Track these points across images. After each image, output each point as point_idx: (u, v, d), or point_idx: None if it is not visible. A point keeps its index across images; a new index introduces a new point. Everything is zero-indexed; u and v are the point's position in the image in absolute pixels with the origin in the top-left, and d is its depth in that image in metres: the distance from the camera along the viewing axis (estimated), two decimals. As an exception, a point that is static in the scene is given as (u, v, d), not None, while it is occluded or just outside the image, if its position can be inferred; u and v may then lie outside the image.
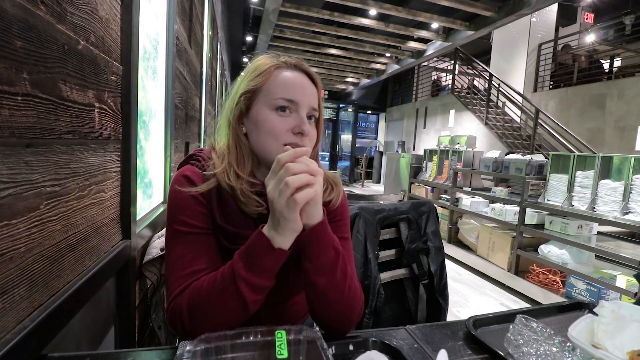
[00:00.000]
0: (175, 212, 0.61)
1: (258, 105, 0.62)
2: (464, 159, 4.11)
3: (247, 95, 0.63)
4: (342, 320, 0.62)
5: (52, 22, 0.53)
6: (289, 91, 0.61)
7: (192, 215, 0.60)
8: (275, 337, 0.50)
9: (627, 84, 4.79)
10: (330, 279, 0.58)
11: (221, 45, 4.79)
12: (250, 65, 0.65)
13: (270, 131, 0.60)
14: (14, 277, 0.47)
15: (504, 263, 3.16)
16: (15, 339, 0.45)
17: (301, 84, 0.62)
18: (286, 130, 0.60)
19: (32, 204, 0.50)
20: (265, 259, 0.53)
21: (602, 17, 7.12)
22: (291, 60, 0.64)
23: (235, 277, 0.53)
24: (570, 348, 0.55)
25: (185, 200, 0.61)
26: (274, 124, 0.60)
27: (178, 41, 1.51)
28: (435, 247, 1.25)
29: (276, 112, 0.61)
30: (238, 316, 0.56)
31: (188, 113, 1.94)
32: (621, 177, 2.48)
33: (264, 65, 0.63)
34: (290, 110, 0.61)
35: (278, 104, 0.61)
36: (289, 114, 0.61)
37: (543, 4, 4.44)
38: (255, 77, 0.62)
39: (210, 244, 0.61)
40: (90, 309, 0.72)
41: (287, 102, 0.61)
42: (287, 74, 0.63)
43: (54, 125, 0.54)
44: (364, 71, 9.38)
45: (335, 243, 0.59)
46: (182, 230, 0.60)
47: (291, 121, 0.61)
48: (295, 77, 0.63)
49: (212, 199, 0.61)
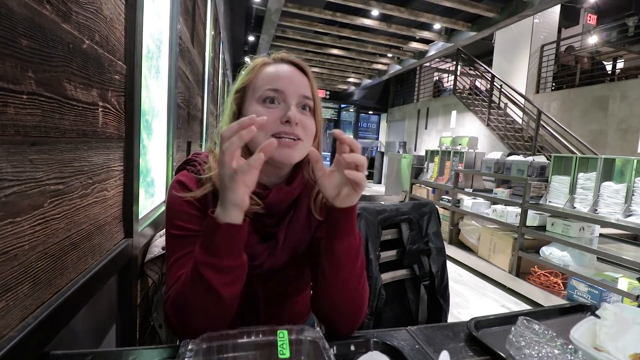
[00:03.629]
0: (171, 217, 0.63)
1: (247, 102, 0.63)
2: (466, 160, 4.10)
3: (238, 95, 0.64)
4: (352, 318, 0.63)
5: (58, 22, 0.53)
6: (273, 82, 0.61)
7: (187, 220, 0.62)
8: (277, 336, 0.50)
9: (630, 85, 4.78)
10: (353, 265, 0.60)
11: (223, 45, 4.80)
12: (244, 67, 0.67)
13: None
14: (18, 274, 0.47)
15: (505, 265, 3.15)
16: (18, 337, 0.45)
17: (287, 73, 0.62)
18: (273, 120, 0.59)
19: (36, 202, 0.50)
20: (216, 237, 0.52)
21: (605, 19, 7.11)
22: (278, 55, 0.65)
23: (197, 264, 0.53)
24: (572, 350, 0.55)
25: (181, 206, 0.62)
26: (260, 114, 0.55)
27: (181, 41, 1.51)
28: (436, 248, 1.25)
29: (263, 105, 0.61)
30: (215, 305, 0.55)
31: (190, 112, 1.94)
32: (623, 179, 2.47)
33: (253, 64, 0.65)
34: (277, 101, 0.61)
35: (264, 95, 0.60)
36: (277, 105, 0.60)
37: (546, 5, 4.44)
38: (245, 75, 0.64)
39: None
40: (92, 307, 0.73)
41: (273, 92, 0.60)
42: (273, 67, 0.63)
43: (58, 124, 0.55)
44: (365, 71, 9.38)
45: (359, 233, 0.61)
46: (178, 234, 0.62)
47: (278, 111, 0.60)
48: (281, 68, 0.63)
49: (208, 202, 0.62)
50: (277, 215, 0.66)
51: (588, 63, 5.97)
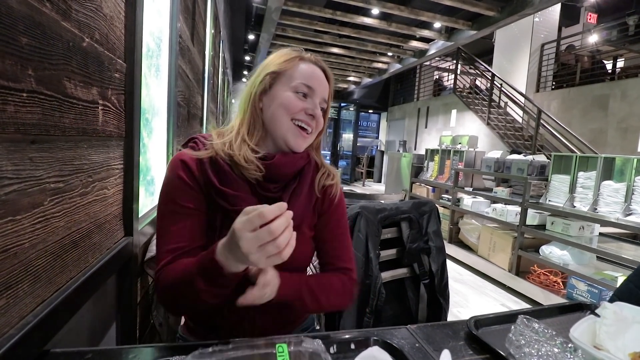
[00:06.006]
0: (166, 192, 0.68)
1: (279, 86, 0.71)
2: (466, 159, 4.10)
3: (273, 75, 0.71)
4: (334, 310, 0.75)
5: (58, 20, 0.53)
6: (308, 79, 0.71)
7: (181, 197, 0.66)
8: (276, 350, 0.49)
9: (630, 84, 4.77)
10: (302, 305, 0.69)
11: (223, 43, 4.79)
12: (277, 52, 0.74)
13: (286, 105, 0.69)
14: (18, 272, 0.47)
15: (505, 263, 3.15)
16: (18, 334, 0.45)
17: (319, 76, 0.72)
18: (300, 109, 0.70)
19: (36, 200, 0.50)
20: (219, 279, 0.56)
21: (606, 18, 7.09)
22: (312, 57, 0.75)
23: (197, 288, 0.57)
24: (572, 349, 0.55)
25: (176, 182, 0.67)
26: (291, 100, 0.69)
27: (181, 39, 1.51)
28: (436, 246, 1.25)
29: (295, 94, 0.70)
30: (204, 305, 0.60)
31: (190, 111, 1.94)
32: (623, 178, 2.47)
33: (290, 54, 0.73)
34: (306, 96, 0.71)
35: (298, 88, 0.70)
36: (305, 99, 0.71)
37: (546, 4, 4.43)
38: (283, 62, 0.71)
39: (194, 224, 0.67)
40: (92, 305, 0.73)
41: (306, 88, 0.70)
42: (308, 66, 0.72)
43: (58, 122, 0.54)
44: (365, 70, 9.36)
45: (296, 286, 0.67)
46: (171, 209, 0.67)
47: (306, 104, 0.70)
48: (315, 69, 0.73)
49: (208, 170, 0.67)
50: (281, 182, 0.71)
51: (588, 62, 5.96)
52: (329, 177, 0.77)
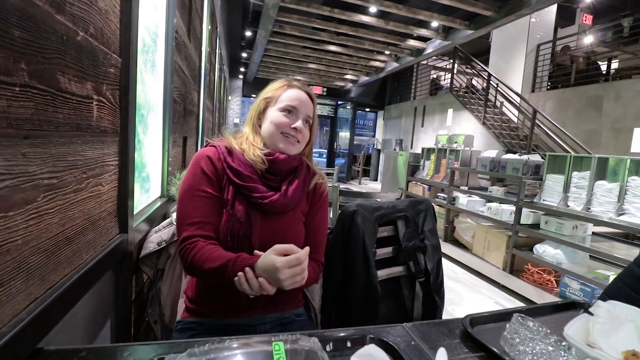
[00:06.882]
0: (189, 180, 0.85)
1: (272, 108, 0.92)
2: (462, 158, 4.12)
3: (267, 100, 0.93)
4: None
5: (51, 12, 0.52)
6: (293, 101, 0.91)
7: (200, 184, 0.85)
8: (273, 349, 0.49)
9: (624, 86, 4.82)
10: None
11: (220, 39, 4.76)
12: (272, 83, 0.96)
13: (276, 122, 0.90)
14: (11, 269, 0.46)
15: (499, 262, 3.18)
16: (11, 332, 0.45)
17: (302, 98, 0.92)
18: (286, 125, 0.90)
19: (29, 197, 0.49)
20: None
21: (601, 19, 7.14)
22: (298, 83, 0.95)
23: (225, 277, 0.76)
24: (566, 347, 0.56)
25: (199, 173, 0.85)
26: (280, 118, 0.90)
27: (177, 35, 1.50)
28: (432, 245, 1.25)
29: (283, 113, 0.91)
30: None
31: (186, 107, 1.93)
32: (616, 178, 2.50)
33: (281, 83, 0.94)
34: (292, 114, 0.91)
35: (285, 107, 0.91)
36: (291, 116, 0.91)
37: (543, 4, 4.45)
38: (275, 89, 0.94)
39: (209, 204, 0.84)
40: (86, 303, 0.72)
41: (291, 107, 0.91)
42: (294, 91, 0.92)
43: (52, 117, 0.54)
44: (363, 68, 9.36)
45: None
46: (192, 194, 0.84)
47: (291, 121, 0.91)
48: (299, 93, 0.93)
49: (226, 156, 0.87)
50: (280, 175, 0.90)
51: (583, 63, 6.00)
52: (320, 177, 0.98)
